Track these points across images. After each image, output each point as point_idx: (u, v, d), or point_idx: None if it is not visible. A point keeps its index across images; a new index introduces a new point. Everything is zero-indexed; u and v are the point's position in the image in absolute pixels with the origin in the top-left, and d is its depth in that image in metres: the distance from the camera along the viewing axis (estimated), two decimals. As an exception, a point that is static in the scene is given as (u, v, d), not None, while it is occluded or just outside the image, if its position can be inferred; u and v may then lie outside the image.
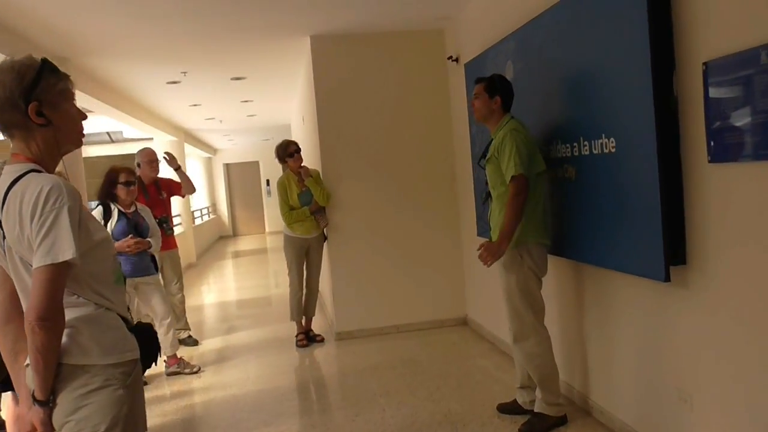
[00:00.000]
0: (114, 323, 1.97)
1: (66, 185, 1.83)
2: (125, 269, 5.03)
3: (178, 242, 12.32)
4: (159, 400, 4.89)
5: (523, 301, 3.66)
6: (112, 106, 7.95)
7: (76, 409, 1.86)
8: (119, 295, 2.05)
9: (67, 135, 1.96)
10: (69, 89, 1.96)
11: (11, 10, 4.75)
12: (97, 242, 1.94)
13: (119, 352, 1.94)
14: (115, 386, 1.90)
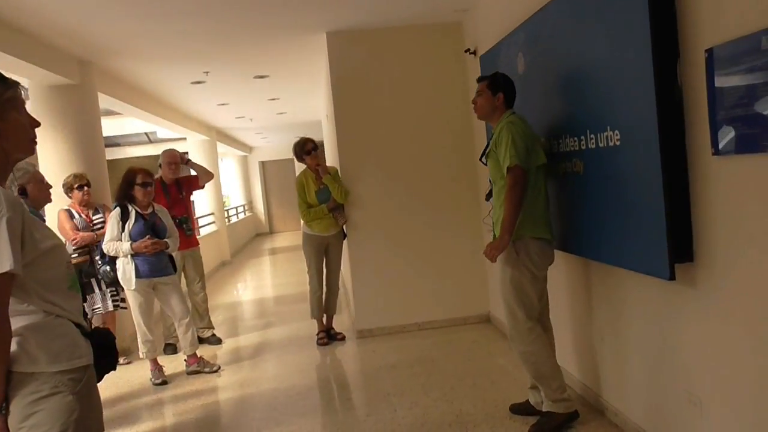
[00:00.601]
0: (63, 330, 1.97)
1: (7, 196, 1.83)
2: (143, 269, 5.10)
3: (211, 240, 12.55)
4: (176, 399, 4.93)
5: (516, 298, 3.60)
6: (139, 108, 8.05)
7: (28, 416, 1.87)
8: (73, 302, 2.05)
9: (16, 143, 1.96)
10: (18, 97, 1.96)
11: (34, 17, 4.84)
12: (44, 250, 1.94)
13: (68, 359, 1.95)
14: (64, 393, 1.91)
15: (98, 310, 5.76)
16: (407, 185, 6.09)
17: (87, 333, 2.08)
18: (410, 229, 6.12)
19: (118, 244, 5.08)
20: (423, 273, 6.14)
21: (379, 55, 6.05)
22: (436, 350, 5.46)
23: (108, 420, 4.66)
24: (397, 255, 6.12)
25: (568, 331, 4.15)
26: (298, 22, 5.68)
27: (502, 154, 3.48)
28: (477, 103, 3.77)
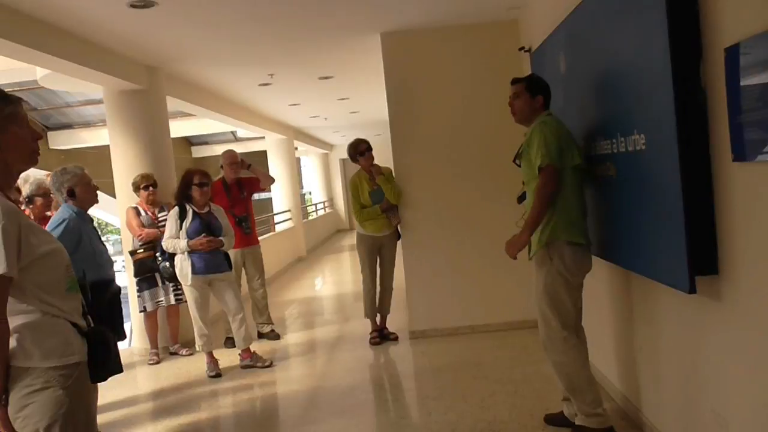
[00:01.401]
0: (57, 329, 2.09)
1: (2, 204, 1.96)
2: (199, 266, 5.30)
3: (287, 237, 12.86)
4: (225, 392, 5.10)
5: (550, 306, 3.48)
6: (210, 109, 8.36)
7: (22, 407, 2.01)
8: (71, 302, 2.18)
9: (17, 155, 2.09)
10: (18, 113, 2.08)
11: (102, 31, 5.19)
12: (41, 255, 2.06)
13: (60, 355, 2.07)
14: (54, 387, 2.04)
15: (161, 303, 6.05)
16: (462, 186, 6.03)
17: (84, 332, 2.19)
18: (465, 231, 6.05)
19: (175, 242, 5.31)
20: (478, 275, 6.06)
21: (433, 55, 6.01)
22: (484, 354, 5.38)
23: (161, 407, 4.99)
24: (452, 256, 6.07)
25: (610, 339, 4.00)
26: (353, 23, 5.74)
27: (534, 153, 3.38)
28: (515, 106, 3.65)
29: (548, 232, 3.41)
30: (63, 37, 5.08)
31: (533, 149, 3.40)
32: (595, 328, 4.00)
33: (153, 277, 5.94)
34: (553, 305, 3.46)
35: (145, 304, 6.01)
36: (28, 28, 4.67)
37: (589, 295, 3.65)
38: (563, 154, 3.36)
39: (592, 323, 3.84)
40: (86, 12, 4.65)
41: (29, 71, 6.78)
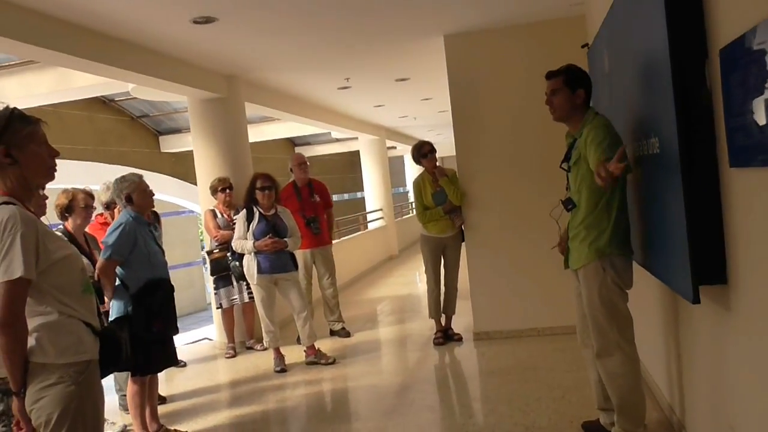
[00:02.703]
0: (72, 328, 2.30)
1: (22, 214, 2.19)
2: (264, 266, 5.56)
3: (378, 235, 13.09)
4: (287, 386, 5.33)
5: (607, 316, 3.32)
6: (292, 113, 8.71)
7: (37, 399, 2.23)
8: (85, 303, 2.38)
9: (35, 171, 2.31)
10: (37, 132, 2.30)
11: (176, 46, 5.58)
12: (57, 259, 2.28)
13: (73, 353, 2.28)
14: (67, 383, 2.24)
15: (236, 300, 6.40)
16: (526, 187, 5.94)
17: (97, 332, 2.42)
18: (529, 232, 5.95)
19: (243, 242, 5.61)
20: (542, 277, 5.94)
21: (496, 56, 5.97)
22: (542, 358, 5.30)
23: (231, 396, 5.37)
24: (516, 258, 6.00)
25: (660, 346, 3.85)
26: (416, 27, 5.81)
27: (594, 149, 3.08)
28: (554, 103, 3.42)
29: (601, 244, 3.25)
30: (144, 54, 5.51)
31: (591, 149, 3.11)
32: (647, 335, 3.86)
33: (228, 276, 6.29)
34: (611, 315, 3.30)
35: (221, 301, 6.38)
36: (114, 50, 5.14)
37: (641, 301, 3.53)
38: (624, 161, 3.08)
39: (643, 330, 3.71)
40: (156, 30, 5.03)
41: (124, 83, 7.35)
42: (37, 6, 4.26)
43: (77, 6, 4.31)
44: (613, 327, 3.30)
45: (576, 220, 3.37)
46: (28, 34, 4.32)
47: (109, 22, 4.73)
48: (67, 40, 4.67)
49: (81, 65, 5.17)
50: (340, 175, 22.67)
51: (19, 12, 4.22)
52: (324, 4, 4.83)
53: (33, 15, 4.33)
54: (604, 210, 3.22)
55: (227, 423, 4.69)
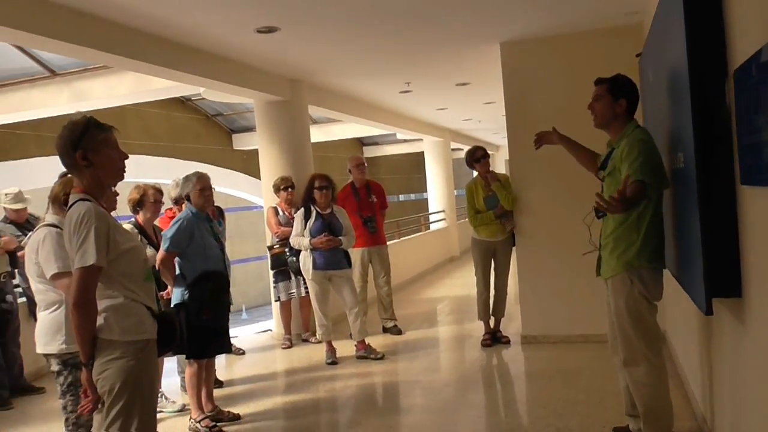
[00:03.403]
0: (135, 311, 2.62)
1: (96, 210, 2.52)
2: (319, 262, 5.84)
3: (439, 236, 13.24)
4: (336, 378, 5.59)
5: (634, 327, 3.38)
6: (355, 115, 8.99)
7: (102, 371, 2.55)
8: (147, 290, 2.70)
9: (107, 173, 2.65)
10: (110, 138, 2.64)
11: (244, 53, 5.94)
12: (124, 250, 2.60)
13: (135, 333, 2.59)
14: (128, 358, 2.55)
15: (293, 294, 6.71)
16: (578, 195, 5.92)
17: (155, 315, 2.72)
18: (579, 239, 5.99)
19: (300, 239, 5.90)
20: (592, 283, 5.89)
21: (551, 63, 6.04)
22: (587, 364, 5.36)
23: (285, 384, 5.71)
24: (566, 264, 6.04)
25: (695, 356, 3.88)
26: (473, 35, 5.96)
27: (627, 167, 3.19)
28: (595, 109, 3.52)
29: (630, 257, 3.32)
30: (212, 60, 5.89)
31: (626, 164, 3.20)
32: (686, 345, 3.90)
33: (286, 271, 6.60)
34: (637, 327, 3.37)
35: (279, 294, 6.71)
36: (186, 57, 5.55)
37: (681, 311, 3.58)
38: (657, 176, 3.21)
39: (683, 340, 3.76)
40: (223, 38, 5.38)
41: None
42: (118, 18, 4.67)
43: (153, 17, 4.69)
44: (640, 338, 3.36)
45: (607, 230, 3.47)
46: (109, 44, 4.76)
47: (181, 31, 5.11)
48: (144, 48, 5.09)
49: (155, 71, 5.60)
50: (406, 175, 22.91)
51: (102, 24, 4.65)
52: (381, 14, 5.06)
53: (114, 26, 4.75)
54: (634, 223, 3.30)
55: (279, 408, 4.99)
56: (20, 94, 7.72)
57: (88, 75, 7.41)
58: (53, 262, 3.10)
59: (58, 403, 5.10)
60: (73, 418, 3.21)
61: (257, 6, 4.60)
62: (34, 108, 7.87)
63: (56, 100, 7.67)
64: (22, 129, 9.43)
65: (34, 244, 3.21)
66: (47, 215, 3.33)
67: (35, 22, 4.22)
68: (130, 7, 4.46)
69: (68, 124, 2.60)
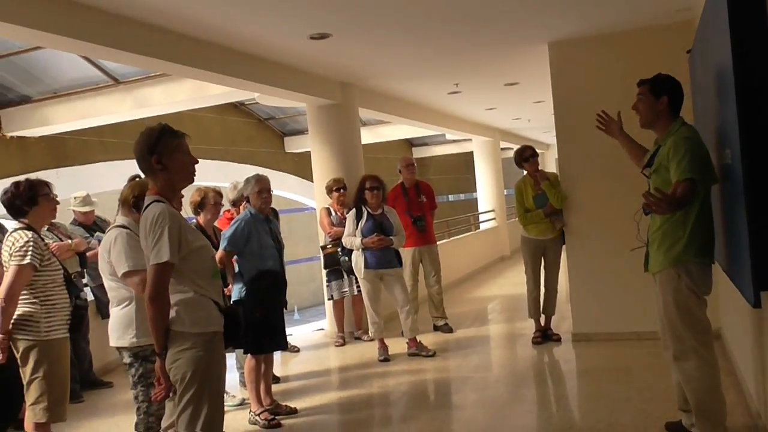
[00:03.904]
0: (204, 305, 2.80)
1: (169, 210, 2.72)
2: (371, 261, 5.99)
3: (489, 236, 13.25)
4: (388, 375, 5.72)
5: (682, 320, 3.42)
6: (404, 117, 9.11)
7: (174, 360, 2.73)
8: (214, 286, 2.89)
9: (179, 176, 2.85)
10: (183, 144, 2.84)
11: (298, 58, 6.15)
12: (194, 248, 2.79)
13: (204, 325, 2.77)
14: (198, 348, 2.74)
15: (345, 293, 6.87)
16: (627, 193, 5.90)
17: (221, 309, 2.90)
18: (630, 235, 5.97)
19: (352, 239, 6.06)
20: (644, 281, 5.86)
21: (599, 62, 6.05)
22: (638, 361, 5.36)
23: (339, 380, 5.93)
24: (617, 261, 6.00)
25: (750, 351, 3.87)
26: (521, 35, 6.02)
27: (675, 166, 3.25)
28: (639, 109, 3.60)
29: (677, 252, 3.36)
30: (266, 66, 6.12)
31: (674, 162, 3.25)
32: (742, 340, 3.89)
33: (339, 270, 6.77)
34: (686, 321, 3.41)
35: (332, 293, 6.88)
36: (241, 63, 5.78)
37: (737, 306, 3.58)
38: (708, 173, 3.27)
39: (738, 335, 3.76)
40: (277, 45, 5.58)
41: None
42: (179, 28, 4.92)
43: (211, 26, 4.92)
44: (689, 332, 3.39)
45: (654, 225, 3.51)
46: (170, 53, 5.03)
47: (237, 39, 5.34)
48: (202, 56, 5.34)
49: (213, 78, 5.85)
50: (455, 175, 22.91)
51: (163, 34, 4.91)
52: (430, 18, 5.17)
53: (174, 36, 5.00)
54: (681, 218, 3.33)
55: (333, 403, 5.15)
56: (86, 102, 8.11)
57: (149, 83, 7.73)
58: (124, 261, 3.32)
59: (126, 395, 5.39)
60: (144, 407, 3.42)
61: (311, 14, 4.77)
62: (98, 115, 8.25)
63: (119, 108, 8.02)
64: (87, 135, 9.86)
65: (107, 244, 3.43)
66: (117, 217, 3.56)
67: (103, 34, 4.48)
68: (192, 18, 4.69)
69: (145, 130, 2.81)
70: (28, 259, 3.51)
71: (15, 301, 3.53)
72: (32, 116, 8.51)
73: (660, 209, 3.19)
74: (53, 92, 8.25)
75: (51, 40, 4.44)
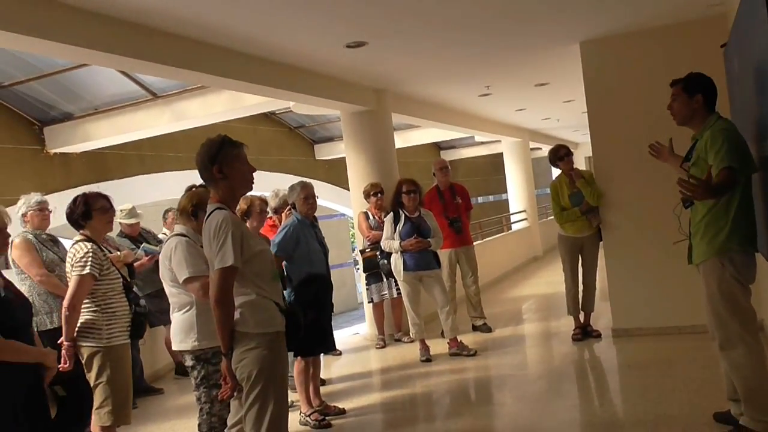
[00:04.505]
0: (266, 306, 2.95)
1: (231, 217, 2.87)
2: (410, 263, 6.10)
3: (522, 236, 13.29)
4: (430, 374, 5.82)
5: (727, 309, 3.50)
6: (435, 120, 9.23)
7: (240, 360, 2.87)
8: (275, 288, 3.03)
9: (239, 184, 3.00)
10: (241, 153, 2.99)
11: (333, 66, 6.31)
12: (255, 253, 2.92)
13: (266, 325, 2.91)
14: (262, 348, 2.87)
15: (385, 296, 6.98)
16: (663, 187, 5.93)
17: (282, 310, 3.03)
18: (668, 231, 5.98)
19: (391, 242, 6.17)
20: (683, 275, 5.87)
21: (632, 59, 6.09)
22: (681, 354, 5.37)
23: (382, 381, 6.03)
24: (655, 256, 6.05)
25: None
26: (552, 36, 6.10)
27: (713, 156, 3.35)
28: (673, 108, 3.71)
29: (721, 241, 3.45)
30: (302, 75, 6.28)
31: (713, 152, 3.35)
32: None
33: (378, 273, 6.88)
34: (731, 309, 3.48)
35: (372, 296, 7.00)
36: (277, 73, 5.95)
37: None
38: (746, 162, 3.34)
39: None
40: (314, 54, 5.74)
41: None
42: (216, 41, 5.10)
43: (249, 38, 5.09)
44: (735, 320, 3.47)
45: (696, 217, 3.58)
46: (207, 66, 5.22)
47: (274, 50, 5.50)
48: (239, 67, 5.51)
49: (250, 89, 6.03)
50: (484, 177, 22.91)
51: (200, 47, 5.08)
52: (463, 23, 5.28)
53: (211, 48, 5.18)
54: (723, 208, 3.40)
55: (379, 403, 5.27)
56: (126, 117, 8.36)
57: (186, 96, 7.95)
58: (185, 268, 3.47)
59: (177, 401, 5.57)
60: (207, 407, 3.56)
61: (348, 23, 4.92)
62: (138, 129, 8.50)
63: (158, 121, 8.26)
64: (125, 149, 10.12)
65: (167, 251, 3.59)
66: (176, 226, 3.72)
67: (139, 48, 4.62)
68: (234, 33, 4.87)
69: (206, 142, 2.96)
70: (87, 269, 3.68)
71: (78, 310, 3.70)
72: (74, 133, 8.79)
73: (697, 195, 3.26)
74: (94, 108, 8.52)
75: (93, 56, 4.60)
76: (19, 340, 2.96)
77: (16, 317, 3.02)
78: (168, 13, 4.39)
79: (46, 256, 4.92)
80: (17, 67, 7.64)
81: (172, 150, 11.01)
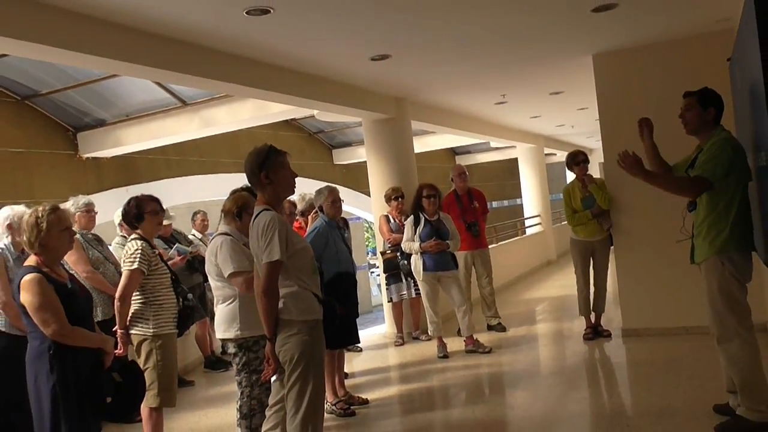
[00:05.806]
0: (307, 297, 3.29)
1: (277, 217, 3.21)
2: (429, 264, 6.41)
3: (536, 240, 13.54)
4: (447, 370, 6.12)
5: (725, 305, 3.81)
6: (452, 127, 9.56)
7: (283, 344, 3.21)
8: (315, 281, 3.37)
9: (283, 188, 3.36)
10: (285, 161, 3.34)
11: (356, 77, 6.67)
12: (298, 249, 3.27)
13: (307, 314, 3.25)
14: (303, 334, 3.22)
15: (404, 295, 7.30)
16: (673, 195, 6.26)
17: (320, 301, 3.37)
18: (676, 235, 6.26)
19: (411, 244, 6.49)
20: (691, 276, 6.11)
21: (643, 72, 6.38)
22: (688, 353, 5.65)
23: (401, 376, 6.32)
24: (664, 259, 6.30)
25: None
26: (566, 49, 6.40)
27: (702, 163, 3.75)
28: (686, 117, 4.02)
29: (721, 241, 3.77)
30: (326, 85, 6.64)
31: (703, 159, 3.74)
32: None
33: (398, 274, 7.20)
34: (730, 305, 3.81)
35: (392, 296, 7.32)
36: (302, 83, 6.30)
37: None
38: (741, 171, 3.70)
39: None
40: (339, 66, 6.09)
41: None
42: (245, 53, 5.46)
43: (277, 51, 5.44)
44: (732, 315, 3.79)
45: (698, 219, 3.90)
46: (239, 77, 5.60)
47: (302, 61, 5.85)
48: (266, 78, 5.87)
49: (276, 98, 6.40)
50: (499, 182, 23.16)
51: (229, 59, 5.43)
52: (482, 37, 5.61)
53: (239, 60, 5.53)
54: (723, 211, 3.74)
55: (399, 395, 5.59)
56: (156, 123, 8.76)
57: (214, 103, 8.33)
58: (230, 264, 3.82)
59: (207, 393, 5.92)
60: (248, 391, 3.90)
61: (373, 38, 5.26)
62: (167, 135, 8.90)
63: (187, 128, 8.65)
64: (153, 154, 10.54)
65: (213, 248, 3.94)
66: (220, 225, 4.07)
67: (173, 61, 4.97)
68: (268, 46, 5.22)
69: (253, 150, 3.32)
70: (136, 264, 4.03)
71: (128, 301, 4.06)
72: (106, 138, 9.21)
73: (626, 167, 3.98)
74: (126, 115, 8.93)
75: (127, 68, 4.93)
76: (83, 327, 3.31)
77: (81, 307, 3.38)
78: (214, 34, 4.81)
79: (92, 255, 5.29)
80: (54, 77, 8.07)
81: (195, 154, 11.42)
